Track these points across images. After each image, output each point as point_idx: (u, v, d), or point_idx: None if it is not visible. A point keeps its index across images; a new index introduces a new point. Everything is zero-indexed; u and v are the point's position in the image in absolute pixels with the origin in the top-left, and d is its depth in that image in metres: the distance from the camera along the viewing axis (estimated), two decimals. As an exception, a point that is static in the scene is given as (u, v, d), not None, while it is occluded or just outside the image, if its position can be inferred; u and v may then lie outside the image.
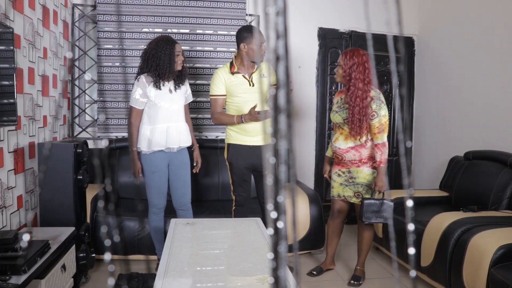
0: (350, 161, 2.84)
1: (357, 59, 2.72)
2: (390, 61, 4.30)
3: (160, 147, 2.77)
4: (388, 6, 0.45)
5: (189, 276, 1.78)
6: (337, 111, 2.87)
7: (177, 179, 2.89)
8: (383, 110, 2.73)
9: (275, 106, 0.36)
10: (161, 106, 2.75)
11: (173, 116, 2.80)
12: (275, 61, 0.36)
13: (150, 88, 2.75)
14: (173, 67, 2.74)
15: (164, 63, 2.71)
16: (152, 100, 2.75)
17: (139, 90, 2.76)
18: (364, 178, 2.83)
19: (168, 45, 2.73)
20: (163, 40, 2.76)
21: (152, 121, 2.77)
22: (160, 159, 2.80)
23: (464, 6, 3.83)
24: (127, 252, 3.16)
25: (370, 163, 2.81)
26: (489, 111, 3.51)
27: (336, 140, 2.87)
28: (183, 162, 2.90)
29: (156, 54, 2.71)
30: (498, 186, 3.01)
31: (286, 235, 0.36)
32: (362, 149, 2.79)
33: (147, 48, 2.79)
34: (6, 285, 1.70)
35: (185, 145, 2.88)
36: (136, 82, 2.81)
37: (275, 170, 0.37)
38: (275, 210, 0.36)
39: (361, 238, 2.95)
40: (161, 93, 2.76)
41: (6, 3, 2.31)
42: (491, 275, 2.20)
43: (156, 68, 2.72)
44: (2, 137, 2.30)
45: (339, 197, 2.97)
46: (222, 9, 3.96)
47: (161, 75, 2.72)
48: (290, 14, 0.38)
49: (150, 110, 2.78)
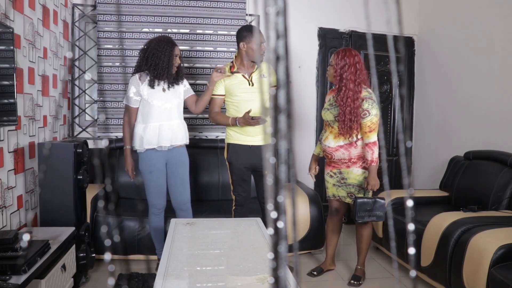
0: (340, 160, 2.85)
1: (349, 59, 2.72)
2: (390, 61, 4.30)
3: (152, 145, 2.77)
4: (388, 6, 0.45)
5: (189, 276, 1.78)
6: (328, 108, 2.88)
7: (175, 177, 2.89)
8: (375, 109, 2.73)
9: (275, 106, 0.36)
10: (153, 104, 2.76)
11: (166, 114, 2.80)
12: (275, 61, 0.36)
13: (144, 86, 2.77)
14: (171, 69, 2.76)
15: (163, 64, 2.72)
16: (145, 98, 2.77)
17: (132, 89, 2.78)
18: (355, 179, 2.84)
19: (168, 47, 2.74)
20: (164, 40, 2.77)
21: (145, 120, 2.78)
22: (156, 158, 2.80)
23: (464, 6, 3.83)
24: (127, 252, 3.16)
25: (360, 163, 2.82)
26: (489, 111, 3.51)
27: (326, 138, 2.88)
28: (180, 160, 2.90)
29: (156, 54, 2.72)
30: (498, 186, 3.01)
31: (286, 235, 0.36)
32: (351, 148, 2.80)
33: (147, 46, 2.79)
34: (6, 285, 1.70)
35: (179, 143, 2.86)
36: (130, 80, 2.83)
37: (275, 170, 0.37)
38: (275, 210, 0.36)
39: (359, 237, 2.96)
40: (154, 92, 2.77)
41: (6, 3, 2.31)
42: (491, 275, 2.20)
43: (154, 67, 2.72)
44: (2, 137, 2.30)
45: (334, 197, 2.98)
46: (222, 9, 3.96)
47: (157, 75, 2.73)
48: (290, 14, 0.38)
49: (144, 109, 2.79)
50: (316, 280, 3.02)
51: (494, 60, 3.46)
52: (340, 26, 4.33)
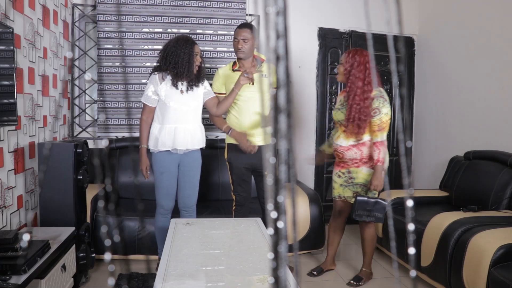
0: (351, 159, 2.82)
1: (359, 58, 2.71)
2: (390, 61, 4.30)
3: (166, 148, 2.74)
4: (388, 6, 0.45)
5: (189, 276, 1.78)
6: (340, 108, 2.87)
7: (185, 180, 2.87)
8: (386, 108, 2.70)
9: (275, 106, 0.36)
10: (170, 106, 2.72)
11: (182, 117, 2.75)
12: (275, 61, 0.36)
13: (162, 86, 2.73)
14: (192, 67, 2.72)
15: (183, 62, 2.68)
16: (162, 99, 2.73)
17: (151, 87, 2.74)
18: (363, 178, 2.81)
19: (188, 44, 2.71)
20: (183, 39, 2.74)
21: (161, 120, 2.75)
22: (169, 159, 2.78)
23: (464, 6, 3.83)
24: (127, 252, 3.16)
25: (370, 163, 2.79)
26: (489, 111, 3.51)
27: (338, 137, 2.84)
28: (193, 164, 2.87)
29: (175, 52, 2.68)
30: (498, 186, 3.01)
31: (286, 235, 0.36)
32: (363, 147, 2.77)
33: (166, 45, 2.75)
34: (6, 285, 1.70)
35: (194, 147, 2.83)
36: (149, 79, 2.79)
37: (275, 170, 0.37)
38: (275, 210, 0.36)
39: (363, 238, 2.94)
40: (172, 93, 2.73)
41: (6, 3, 2.31)
42: (491, 275, 2.20)
43: (174, 66, 2.69)
44: (2, 137, 2.30)
45: (339, 198, 2.96)
46: (222, 9, 3.96)
47: (178, 74, 2.69)
48: (290, 14, 0.38)
49: (160, 109, 2.75)
50: (316, 280, 3.02)
51: (494, 60, 3.46)
52: (340, 26, 4.33)
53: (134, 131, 3.82)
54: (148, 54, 3.86)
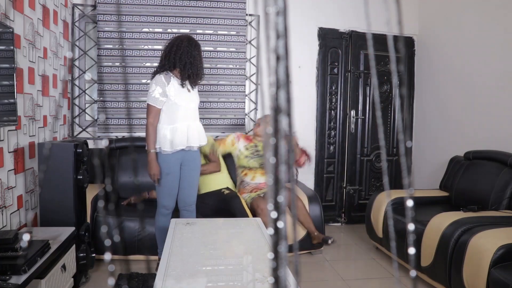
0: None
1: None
2: (390, 61, 4.29)
3: (182, 146, 2.74)
4: (388, 6, 0.45)
5: (189, 276, 1.78)
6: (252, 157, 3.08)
7: (187, 180, 2.86)
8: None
9: (275, 106, 0.36)
10: (180, 104, 2.70)
11: (192, 114, 2.78)
12: (275, 61, 0.36)
13: (170, 86, 2.69)
14: (202, 69, 2.75)
15: (197, 63, 2.70)
16: (171, 99, 2.69)
17: (158, 89, 2.67)
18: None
19: (198, 46, 2.73)
20: (193, 39, 2.74)
21: (172, 121, 2.71)
22: (174, 160, 2.75)
23: (464, 6, 3.83)
24: (127, 252, 3.15)
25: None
26: (489, 111, 3.51)
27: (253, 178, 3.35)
28: (195, 163, 2.87)
29: (190, 52, 2.67)
30: (498, 186, 3.01)
31: (286, 235, 0.36)
32: None
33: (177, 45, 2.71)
34: (6, 285, 1.70)
35: (203, 143, 2.88)
36: (154, 80, 2.72)
37: (275, 170, 0.36)
38: (275, 210, 0.36)
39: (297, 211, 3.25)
40: (181, 92, 2.71)
41: (6, 3, 2.31)
42: (491, 275, 2.20)
43: (190, 67, 2.68)
44: (2, 137, 2.30)
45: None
46: (222, 9, 3.96)
47: (191, 75, 2.69)
48: (290, 14, 0.38)
49: (169, 109, 2.71)
50: (316, 280, 3.02)
51: (494, 59, 3.46)
52: (340, 26, 4.33)
53: (134, 131, 3.82)
54: (148, 54, 3.86)
